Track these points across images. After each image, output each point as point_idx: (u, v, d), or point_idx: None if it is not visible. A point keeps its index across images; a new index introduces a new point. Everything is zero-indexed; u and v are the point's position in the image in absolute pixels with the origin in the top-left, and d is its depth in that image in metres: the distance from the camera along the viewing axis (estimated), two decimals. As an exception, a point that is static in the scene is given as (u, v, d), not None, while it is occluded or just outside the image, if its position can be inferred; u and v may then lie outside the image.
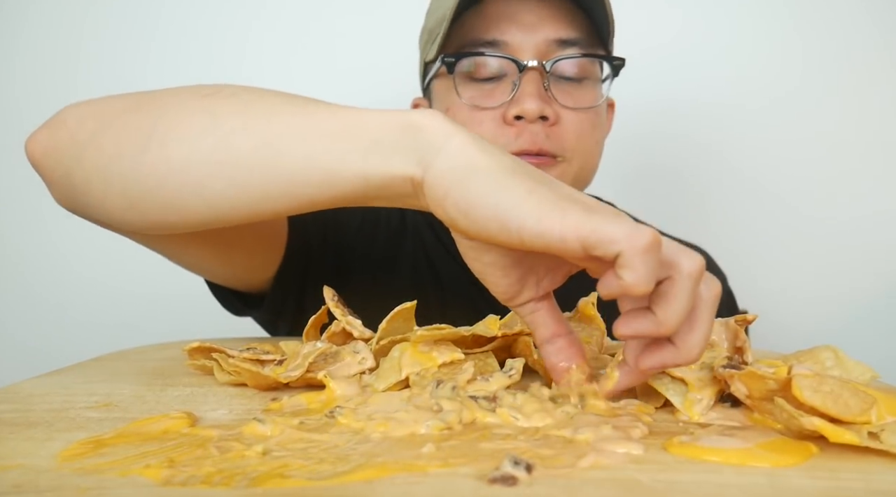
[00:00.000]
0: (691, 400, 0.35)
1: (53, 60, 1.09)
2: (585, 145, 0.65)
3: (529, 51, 0.63)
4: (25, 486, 0.26)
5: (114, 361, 0.51)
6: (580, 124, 0.64)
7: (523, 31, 0.63)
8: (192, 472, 0.27)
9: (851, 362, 0.40)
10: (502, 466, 0.27)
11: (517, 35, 0.63)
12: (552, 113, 0.63)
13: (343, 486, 0.26)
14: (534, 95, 0.61)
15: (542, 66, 0.62)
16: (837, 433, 0.29)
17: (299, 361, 0.42)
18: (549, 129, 0.63)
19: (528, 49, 0.63)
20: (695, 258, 0.32)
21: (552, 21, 0.63)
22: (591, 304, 0.47)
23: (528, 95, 0.62)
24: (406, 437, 0.32)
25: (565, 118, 0.64)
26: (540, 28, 0.63)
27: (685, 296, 0.31)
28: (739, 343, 0.42)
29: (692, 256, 0.32)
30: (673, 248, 0.32)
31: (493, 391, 0.38)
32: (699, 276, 0.32)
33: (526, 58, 0.63)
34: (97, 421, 0.35)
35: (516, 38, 0.63)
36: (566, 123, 0.64)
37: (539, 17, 0.63)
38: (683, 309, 0.31)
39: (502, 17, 0.63)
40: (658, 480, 0.27)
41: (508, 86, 0.63)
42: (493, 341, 0.44)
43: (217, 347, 0.44)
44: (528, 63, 0.62)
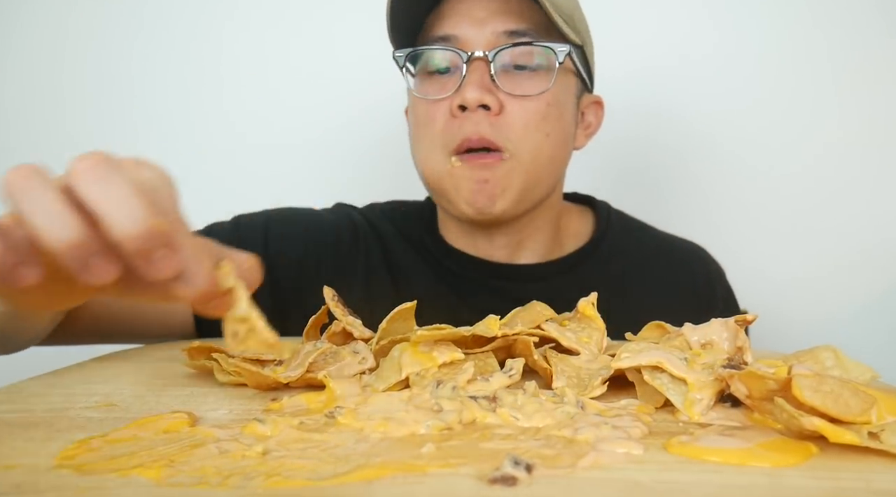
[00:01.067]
0: (691, 400, 0.35)
1: (52, 60, 1.09)
2: (533, 137, 0.64)
3: (479, 44, 0.63)
4: (25, 486, 0.26)
5: (114, 361, 0.51)
6: (525, 113, 0.64)
7: (474, 25, 0.64)
8: (192, 472, 0.27)
9: (851, 362, 0.40)
10: (502, 466, 0.27)
11: (468, 29, 0.64)
12: (494, 101, 0.63)
13: (343, 486, 0.26)
14: (474, 84, 0.62)
15: (485, 56, 0.63)
16: (837, 433, 0.29)
17: (299, 361, 0.42)
18: (494, 118, 0.63)
19: (478, 42, 0.63)
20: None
21: (502, 14, 0.64)
22: (591, 304, 0.47)
23: (468, 84, 0.62)
24: (406, 437, 0.32)
25: (511, 108, 0.64)
26: (489, 22, 0.64)
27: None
28: (739, 343, 0.42)
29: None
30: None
31: (493, 391, 0.38)
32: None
33: (475, 50, 0.63)
34: (97, 421, 0.35)
35: (467, 33, 0.64)
36: (512, 113, 0.64)
37: (489, 11, 0.64)
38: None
39: (455, 14, 0.65)
40: (658, 480, 0.27)
41: (458, 78, 0.64)
42: (493, 341, 0.44)
43: (217, 347, 0.44)
44: (472, 53, 0.63)
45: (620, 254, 0.75)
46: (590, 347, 0.45)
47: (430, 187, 0.69)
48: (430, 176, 0.67)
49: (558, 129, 0.67)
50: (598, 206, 0.79)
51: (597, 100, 0.74)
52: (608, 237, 0.75)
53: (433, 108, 0.65)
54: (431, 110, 0.65)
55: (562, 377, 0.40)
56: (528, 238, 0.72)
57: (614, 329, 0.48)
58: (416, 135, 0.68)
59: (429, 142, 0.66)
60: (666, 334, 0.47)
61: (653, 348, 0.39)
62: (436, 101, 0.65)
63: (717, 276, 0.79)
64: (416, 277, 0.72)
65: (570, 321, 0.47)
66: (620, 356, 0.39)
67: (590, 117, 0.73)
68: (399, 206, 0.79)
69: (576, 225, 0.77)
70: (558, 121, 0.66)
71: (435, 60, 0.65)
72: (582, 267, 0.73)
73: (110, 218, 0.26)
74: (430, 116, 0.65)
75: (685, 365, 0.37)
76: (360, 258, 0.72)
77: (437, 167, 0.65)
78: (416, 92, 0.67)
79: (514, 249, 0.72)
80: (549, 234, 0.73)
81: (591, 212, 0.79)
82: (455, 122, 0.64)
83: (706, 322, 0.44)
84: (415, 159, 0.69)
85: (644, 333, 0.49)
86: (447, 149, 0.64)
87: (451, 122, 0.64)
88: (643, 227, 0.80)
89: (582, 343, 0.45)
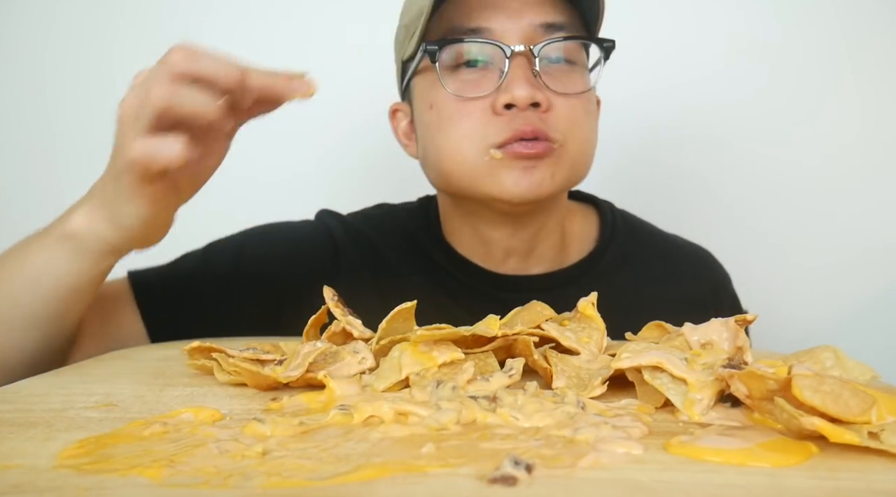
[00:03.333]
0: (691, 400, 0.35)
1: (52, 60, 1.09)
2: (580, 132, 0.63)
3: (515, 36, 0.60)
4: (25, 486, 0.26)
5: (113, 361, 0.51)
6: (573, 110, 0.62)
7: (507, 16, 0.60)
8: (192, 472, 0.27)
9: (851, 362, 0.40)
10: (502, 466, 0.27)
11: (501, 21, 0.60)
12: (544, 99, 0.60)
13: (343, 486, 0.26)
14: (524, 81, 0.59)
15: (529, 50, 0.60)
16: (837, 433, 0.29)
17: (299, 361, 0.42)
18: (543, 115, 0.60)
19: (513, 35, 0.60)
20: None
21: (537, 5, 0.61)
22: (591, 304, 0.47)
23: (517, 81, 0.59)
24: (406, 437, 0.32)
25: (557, 104, 0.61)
26: (525, 13, 0.61)
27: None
28: (739, 343, 0.42)
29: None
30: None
31: (493, 391, 0.38)
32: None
33: (512, 43, 0.60)
34: (97, 421, 0.35)
35: (501, 25, 0.60)
36: (559, 109, 0.61)
37: (523, 2, 0.61)
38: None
39: (485, 5, 0.61)
40: (658, 480, 0.27)
41: (496, 74, 0.61)
42: (493, 341, 0.44)
43: (217, 347, 0.44)
44: (515, 48, 0.60)
45: (625, 261, 0.73)
46: (590, 347, 0.45)
47: (456, 182, 0.64)
48: (458, 169, 0.63)
49: (594, 123, 0.67)
50: (602, 206, 0.76)
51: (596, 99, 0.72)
52: (613, 243, 0.73)
53: (467, 106, 0.61)
54: (464, 108, 0.61)
55: (562, 377, 0.40)
56: (539, 243, 0.70)
57: (620, 336, 0.48)
58: (441, 130, 0.63)
59: (463, 135, 0.62)
60: (666, 334, 0.47)
61: (653, 348, 0.39)
62: (469, 99, 0.61)
63: (724, 283, 0.78)
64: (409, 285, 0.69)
65: (570, 321, 0.47)
66: (620, 356, 0.39)
67: None
68: (392, 210, 0.78)
69: (580, 228, 0.74)
70: (594, 117, 0.66)
71: (472, 54, 0.61)
72: (587, 277, 0.71)
73: (222, 76, 0.44)
74: (464, 114, 0.61)
75: (685, 365, 0.37)
76: (343, 273, 0.69)
77: (472, 160, 0.62)
78: (448, 88, 0.62)
79: (524, 257, 0.70)
80: (558, 238, 0.72)
81: (595, 212, 0.77)
82: (500, 119, 0.60)
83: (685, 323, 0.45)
84: (436, 155, 0.65)
85: (644, 333, 0.49)
86: (487, 142, 0.61)
87: (494, 120, 0.60)
88: (648, 228, 0.79)
89: (582, 343, 0.45)
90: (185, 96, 0.43)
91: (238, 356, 0.42)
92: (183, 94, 0.43)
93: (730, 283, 0.78)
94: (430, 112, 0.65)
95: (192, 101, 0.43)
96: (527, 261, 0.71)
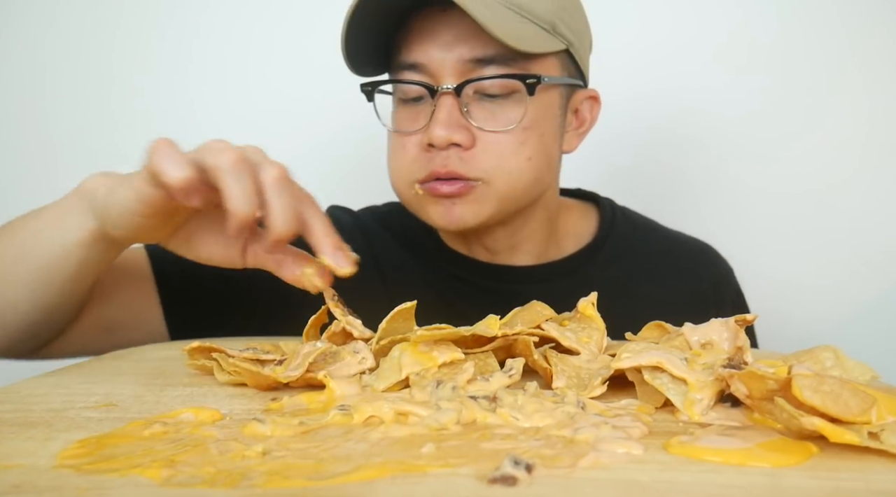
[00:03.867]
0: (691, 400, 0.35)
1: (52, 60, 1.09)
2: (508, 166, 0.62)
3: (448, 71, 0.61)
4: (25, 486, 0.26)
5: (113, 361, 0.51)
6: (500, 145, 0.62)
7: (441, 50, 0.61)
8: (192, 472, 0.27)
9: (851, 362, 0.40)
10: (502, 466, 0.27)
11: (435, 56, 0.61)
12: (464, 138, 0.61)
13: (343, 486, 0.26)
14: (443, 122, 0.60)
15: (455, 90, 0.60)
16: (837, 433, 0.29)
17: (299, 361, 0.42)
18: (465, 153, 0.61)
19: (446, 70, 0.61)
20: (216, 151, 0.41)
21: (469, 38, 0.60)
22: (590, 304, 0.47)
23: (437, 123, 0.60)
24: (406, 437, 0.32)
25: (484, 140, 0.61)
26: (456, 47, 0.60)
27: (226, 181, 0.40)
28: (739, 343, 0.42)
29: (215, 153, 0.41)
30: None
31: (493, 391, 0.38)
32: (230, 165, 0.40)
33: (444, 79, 0.61)
34: (97, 421, 0.35)
35: (434, 60, 0.61)
36: (485, 145, 0.61)
37: (456, 35, 0.60)
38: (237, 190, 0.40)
39: (423, 36, 0.61)
40: (658, 480, 0.27)
41: (430, 109, 0.61)
42: (493, 341, 0.44)
43: (217, 347, 0.44)
44: (439, 88, 0.61)
45: (624, 255, 0.73)
46: (590, 347, 0.45)
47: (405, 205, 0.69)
48: (399, 195, 0.67)
49: (539, 150, 0.64)
50: (602, 203, 0.77)
51: (592, 95, 0.71)
52: (611, 237, 0.73)
53: (404, 139, 0.64)
54: (402, 141, 0.64)
55: (562, 377, 0.40)
56: (523, 239, 0.71)
57: (618, 334, 0.48)
58: (389, 158, 0.67)
59: (397, 168, 0.66)
60: (666, 334, 0.47)
61: (653, 348, 0.39)
62: (406, 133, 0.64)
63: (726, 277, 0.77)
64: (412, 278, 0.72)
65: (570, 321, 0.47)
66: (620, 356, 0.39)
67: (584, 113, 0.70)
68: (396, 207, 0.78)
69: (575, 224, 0.75)
70: (539, 140, 0.64)
71: (407, 92, 0.64)
72: (584, 269, 0.72)
73: (275, 219, 0.41)
74: (401, 146, 0.64)
75: (685, 365, 0.37)
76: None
77: (403, 190, 0.66)
78: (389, 124, 0.66)
79: (509, 251, 0.72)
80: (544, 234, 0.72)
81: (595, 209, 0.77)
82: (424, 156, 0.62)
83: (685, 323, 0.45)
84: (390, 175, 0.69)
85: (644, 333, 0.49)
86: (412, 177, 0.63)
87: (422, 156, 0.62)
88: (649, 224, 0.79)
89: (582, 343, 0.45)
90: (241, 195, 0.40)
91: (238, 356, 0.42)
92: (239, 179, 0.40)
93: (732, 276, 0.78)
94: (387, 136, 0.69)
95: (240, 200, 0.40)
96: (512, 254, 0.72)
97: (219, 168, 0.40)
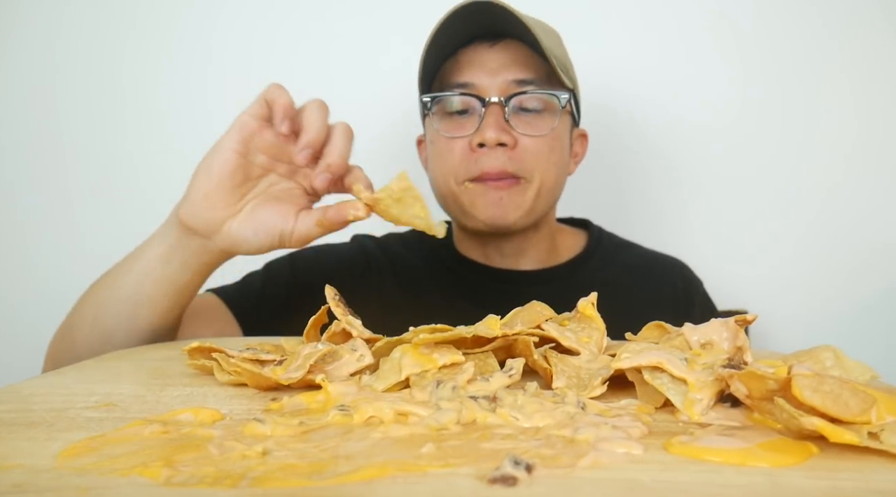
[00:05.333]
0: (691, 400, 0.35)
1: (53, 60, 1.09)
2: (543, 165, 0.77)
3: (493, 90, 0.75)
4: (25, 486, 0.26)
5: (113, 361, 0.51)
6: (537, 147, 0.76)
7: (488, 74, 0.76)
8: (192, 472, 0.27)
9: (851, 362, 0.40)
10: (502, 466, 0.27)
11: (483, 78, 0.76)
12: (510, 139, 0.75)
13: (343, 486, 0.26)
14: (493, 126, 0.74)
15: (501, 101, 0.75)
16: (837, 433, 0.29)
17: (300, 362, 0.42)
18: (510, 152, 0.75)
19: (492, 89, 0.75)
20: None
21: (512, 65, 0.76)
22: (590, 304, 0.47)
23: (487, 126, 0.74)
24: (406, 437, 0.32)
25: (524, 143, 0.76)
26: (501, 72, 0.76)
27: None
28: (739, 343, 0.42)
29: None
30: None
31: (493, 391, 0.38)
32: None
33: (489, 96, 0.75)
34: (97, 421, 0.35)
35: (483, 81, 0.76)
36: (525, 147, 0.76)
37: (501, 62, 0.76)
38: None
39: (472, 64, 0.77)
40: (658, 480, 0.27)
41: (476, 120, 0.76)
42: (493, 341, 0.44)
43: (217, 347, 0.44)
44: (489, 99, 0.75)
45: (609, 264, 0.87)
46: (590, 347, 0.45)
47: (445, 203, 0.81)
48: (446, 193, 0.79)
49: (561, 160, 0.80)
50: (591, 227, 0.91)
51: (582, 133, 0.87)
52: (598, 251, 0.88)
53: (452, 143, 0.77)
54: (450, 144, 0.77)
55: (562, 377, 0.40)
56: (529, 248, 0.84)
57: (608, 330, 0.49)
58: (434, 164, 0.80)
59: (447, 169, 0.78)
60: (666, 334, 0.47)
61: (653, 348, 0.39)
62: (454, 138, 0.77)
63: (695, 285, 0.89)
64: (430, 286, 0.85)
65: (570, 321, 0.47)
66: (620, 356, 0.39)
67: (577, 148, 0.86)
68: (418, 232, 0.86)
69: (569, 241, 0.89)
70: (561, 152, 0.80)
71: (454, 104, 0.77)
72: (578, 273, 0.85)
73: (334, 152, 0.54)
74: (450, 149, 0.77)
75: (685, 365, 0.37)
76: (373, 279, 0.84)
77: (453, 188, 0.78)
78: (440, 130, 0.78)
79: (517, 257, 0.85)
80: (547, 244, 0.86)
81: (584, 232, 0.91)
82: (473, 156, 0.75)
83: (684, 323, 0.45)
84: (433, 181, 0.82)
85: (644, 333, 0.49)
86: (463, 176, 0.76)
87: (470, 156, 0.76)
88: (630, 245, 0.92)
89: (582, 343, 0.45)
90: (319, 114, 0.55)
91: (238, 356, 0.42)
92: (319, 114, 0.55)
93: (701, 286, 0.90)
94: (432, 146, 0.81)
95: (319, 119, 0.54)
96: (519, 260, 0.85)
97: (306, 106, 0.55)
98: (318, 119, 0.54)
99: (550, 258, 0.86)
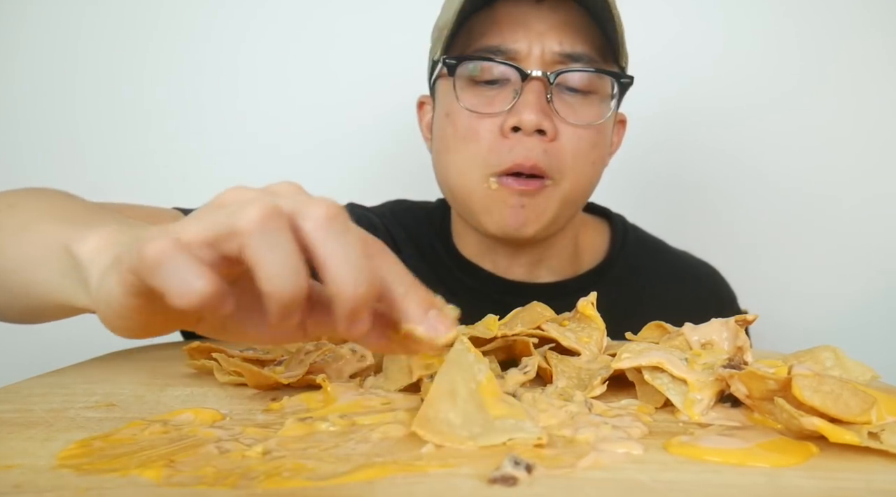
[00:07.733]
0: (691, 400, 0.35)
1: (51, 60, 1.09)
2: (580, 165, 0.62)
3: (535, 60, 0.60)
4: (25, 486, 0.26)
5: (113, 361, 0.51)
6: (578, 142, 0.62)
7: (531, 39, 0.60)
8: (192, 472, 0.27)
9: (851, 362, 0.40)
10: (502, 466, 0.27)
11: (524, 43, 0.60)
12: (551, 127, 0.60)
13: (343, 486, 0.26)
14: (533, 106, 0.59)
15: (546, 76, 0.60)
16: (837, 433, 0.29)
17: (300, 361, 0.42)
18: (548, 144, 0.60)
19: (533, 58, 0.60)
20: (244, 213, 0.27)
21: (562, 31, 0.60)
22: (590, 304, 0.47)
23: (528, 106, 0.59)
24: (406, 437, 0.32)
25: (564, 134, 0.61)
26: (548, 38, 0.60)
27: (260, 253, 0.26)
28: (739, 343, 0.42)
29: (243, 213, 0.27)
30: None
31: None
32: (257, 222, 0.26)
33: (531, 67, 0.60)
34: (97, 421, 0.35)
35: (523, 47, 0.60)
36: (564, 140, 0.61)
37: (549, 25, 0.60)
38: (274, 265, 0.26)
39: (512, 23, 0.61)
40: (658, 480, 0.27)
41: (510, 94, 0.61)
42: (493, 342, 0.44)
43: (217, 347, 0.44)
44: (531, 72, 0.59)
45: (635, 273, 0.74)
46: (590, 347, 0.45)
47: (456, 200, 0.66)
48: (460, 191, 0.64)
49: (600, 157, 0.65)
50: (614, 219, 0.77)
51: (622, 118, 0.72)
52: (622, 256, 0.74)
53: (477, 123, 0.61)
54: (475, 124, 0.61)
55: (562, 377, 0.40)
56: (549, 256, 0.71)
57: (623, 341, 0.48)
58: (452, 146, 0.64)
59: (469, 157, 0.62)
60: (666, 334, 0.47)
61: (653, 348, 0.39)
62: (482, 115, 0.61)
63: (729, 302, 0.78)
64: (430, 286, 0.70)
65: (569, 321, 0.47)
66: (621, 356, 0.39)
67: (614, 137, 0.70)
68: (411, 207, 0.77)
69: (592, 239, 0.75)
70: (602, 148, 0.65)
71: (490, 73, 0.61)
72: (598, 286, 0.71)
73: (341, 281, 0.27)
74: (474, 130, 0.62)
75: (685, 365, 0.37)
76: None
77: (472, 185, 0.63)
78: (463, 103, 0.62)
79: (533, 267, 0.71)
80: (569, 251, 0.72)
81: (607, 225, 0.78)
82: (505, 143, 0.60)
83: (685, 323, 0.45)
84: (444, 169, 0.66)
85: (644, 333, 0.49)
86: (489, 169, 0.61)
87: (500, 142, 0.61)
88: (658, 245, 0.79)
89: (582, 343, 0.45)
90: (277, 263, 0.26)
91: (238, 356, 0.42)
92: (274, 245, 0.26)
93: (735, 300, 0.78)
94: (445, 120, 0.65)
95: (278, 274, 0.26)
96: (535, 269, 0.72)
97: (241, 233, 0.26)
98: (279, 252, 0.27)
99: (572, 266, 0.73)
